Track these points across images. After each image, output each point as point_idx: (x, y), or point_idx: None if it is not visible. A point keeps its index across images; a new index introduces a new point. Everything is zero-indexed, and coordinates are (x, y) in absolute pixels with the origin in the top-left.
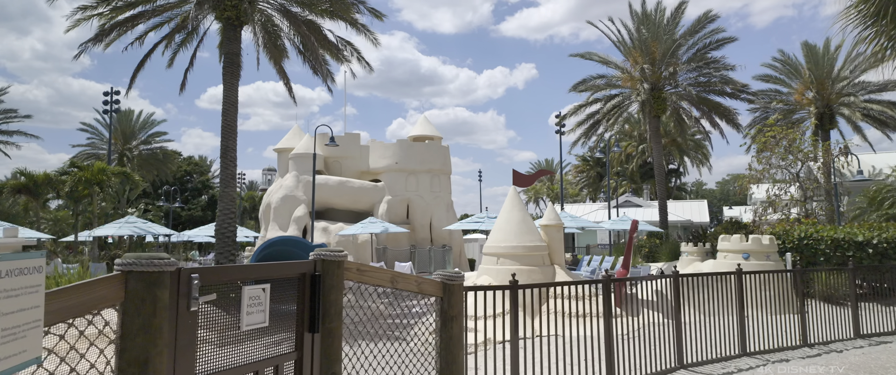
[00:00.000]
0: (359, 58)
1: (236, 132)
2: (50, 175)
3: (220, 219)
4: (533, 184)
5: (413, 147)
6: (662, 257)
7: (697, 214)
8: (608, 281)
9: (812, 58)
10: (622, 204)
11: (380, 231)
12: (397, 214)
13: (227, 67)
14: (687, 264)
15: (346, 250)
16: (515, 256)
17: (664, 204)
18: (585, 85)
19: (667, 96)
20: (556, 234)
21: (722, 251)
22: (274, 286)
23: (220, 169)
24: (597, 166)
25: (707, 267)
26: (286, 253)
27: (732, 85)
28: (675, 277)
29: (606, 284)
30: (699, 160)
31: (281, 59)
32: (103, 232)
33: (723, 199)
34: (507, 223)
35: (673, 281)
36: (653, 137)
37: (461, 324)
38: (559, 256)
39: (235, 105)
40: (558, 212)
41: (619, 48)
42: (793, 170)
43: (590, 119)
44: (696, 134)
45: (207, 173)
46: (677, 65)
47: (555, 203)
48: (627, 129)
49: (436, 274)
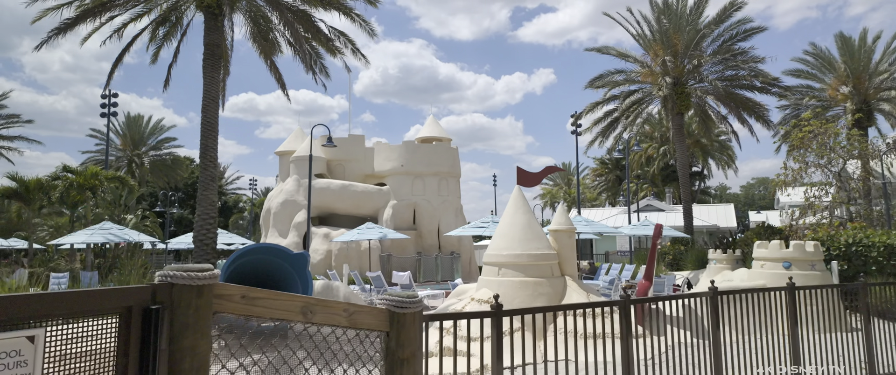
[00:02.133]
0: (354, 50)
1: (217, 129)
2: (41, 180)
3: (199, 225)
4: (540, 182)
5: (419, 148)
6: (688, 265)
7: (724, 219)
8: (627, 303)
9: (847, 50)
10: (643, 209)
11: (377, 237)
12: (403, 219)
13: (208, 59)
14: (715, 273)
15: (348, 258)
16: (519, 266)
17: (689, 207)
18: (602, 80)
19: (690, 91)
20: (568, 240)
21: (758, 259)
22: (69, 329)
23: (199, 169)
24: (616, 169)
25: (739, 277)
26: (262, 264)
27: (762, 77)
28: (712, 295)
29: (624, 306)
30: (724, 162)
31: (272, 53)
32: (73, 239)
33: (747, 204)
34: (511, 227)
35: (711, 300)
36: (676, 135)
37: (418, 370)
38: (570, 265)
39: (217, 100)
40: (570, 215)
41: (639, 41)
42: (834, 169)
43: (607, 117)
44: (719, 135)
45: (220, 179)
46: (702, 58)
47: (571, 208)
48: (647, 130)
49: (380, 297)
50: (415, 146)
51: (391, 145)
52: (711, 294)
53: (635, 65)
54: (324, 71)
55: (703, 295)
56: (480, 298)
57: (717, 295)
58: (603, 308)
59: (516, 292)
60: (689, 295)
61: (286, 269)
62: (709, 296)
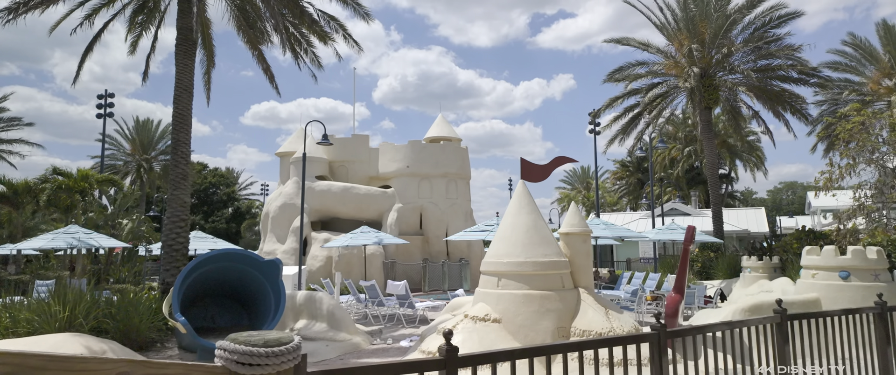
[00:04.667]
0: (345, 35)
1: (190, 122)
2: (29, 182)
3: (168, 228)
4: (548, 175)
5: (426, 148)
6: (719, 273)
7: (755, 224)
8: (662, 336)
9: (891, 40)
10: (667, 213)
11: (372, 242)
12: (409, 224)
13: (181, 45)
14: (750, 282)
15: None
16: (523, 276)
17: (719, 210)
18: (623, 73)
19: (719, 83)
20: (582, 246)
21: (809, 267)
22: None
23: (170, 165)
24: (637, 172)
25: (780, 288)
26: (230, 273)
27: (800, 66)
28: (781, 319)
29: (658, 341)
30: (752, 163)
31: (258, 41)
32: (32, 245)
33: (775, 209)
34: (513, 230)
35: (778, 328)
36: (704, 132)
37: None
38: (585, 275)
39: (190, 90)
40: (584, 216)
41: (662, 32)
42: (890, 165)
43: (628, 112)
44: (748, 135)
45: (234, 185)
46: (732, 46)
47: (590, 212)
48: (671, 131)
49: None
50: (421, 146)
51: (396, 145)
52: (779, 319)
53: (658, 57)
54: (316, 61)
55: (767, 321)
56: (476, 315)
57: (786, 320)
58: (626, 345)
59: (519, 308)
60: (746, 322)
61: (256, 278)
62: (777, 324)
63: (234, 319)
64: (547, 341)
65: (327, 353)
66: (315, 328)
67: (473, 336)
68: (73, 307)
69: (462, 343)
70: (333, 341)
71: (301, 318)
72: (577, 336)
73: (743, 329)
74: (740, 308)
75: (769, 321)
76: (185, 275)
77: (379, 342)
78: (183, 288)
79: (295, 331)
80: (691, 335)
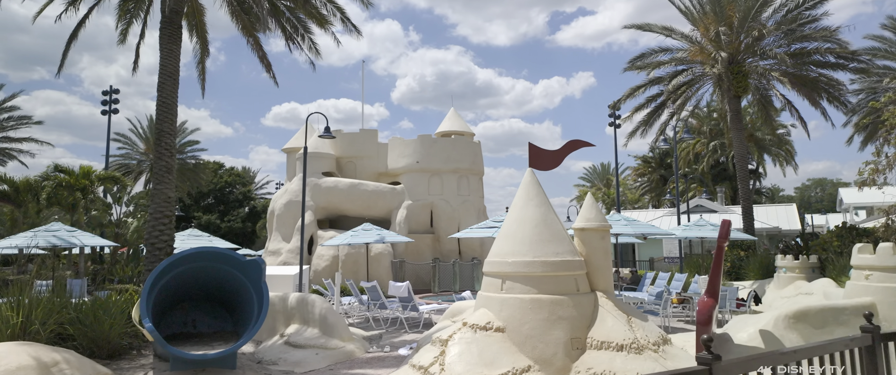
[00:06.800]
0: (343, 18)
1: (176, 112)
2: (30, 180)
3: (151, 226)
4: (560, 162)
5: (437, 143)
6: (750, 274)
7: (786, 221)
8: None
9: None
10: (693, 209)
11: (374, 240)
12: (419, 221)
13: (165, 29)
14: (787, 283)
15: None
16: (531, 278)
17: (749, 205)
18: (644, 61)
19: (749, 70)
20: (600, 243)
21: (861, 267)
22: None
23: (154, 158)
24: (660, 168)
25: (821, 290)
26: (208, 273)
27: (839, 49)
28: (873, 337)
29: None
30: (782, 158)
31: (253, 28)
32: (10, 243)
33: (803, 207)
34: (519, 225)
35: (867, 353)
36: (732, 122)
37: None
38: (604, 277)
39: (175, 77)
40: (601, 210)
41: (687, 16)
42: None
43: (650, 102)
44: (777, 128)
45: (250, 184)
46: (763, 29)
47: (611, 209)
48: (695, 125)
49: None
50: (432, 140)
51: (406, 140)
52: (873, 337)
53: (682, 43)
54: (313, 48)
55: (852, 342)
56: (476, 323)
57: (879, 340)
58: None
59: (526, 315)
60: (821, 346)
61: (238, 279)
62: (866, 347)
63: (218, 324)
64: (558, 354)
65: (317, 363)
66: (306, 334)
67: (472, 349)
68: (29, 312)
69: (458, 357)
70: (325, 348)
71: (293, 323)
72: (595, 349)
73: (823, 356)
74: (784, 314)
75: (856, 342)
76: (156, 277)
77: (375, 349)
78: (153, 291)
79: (285, 337)
80: (754, 367)
